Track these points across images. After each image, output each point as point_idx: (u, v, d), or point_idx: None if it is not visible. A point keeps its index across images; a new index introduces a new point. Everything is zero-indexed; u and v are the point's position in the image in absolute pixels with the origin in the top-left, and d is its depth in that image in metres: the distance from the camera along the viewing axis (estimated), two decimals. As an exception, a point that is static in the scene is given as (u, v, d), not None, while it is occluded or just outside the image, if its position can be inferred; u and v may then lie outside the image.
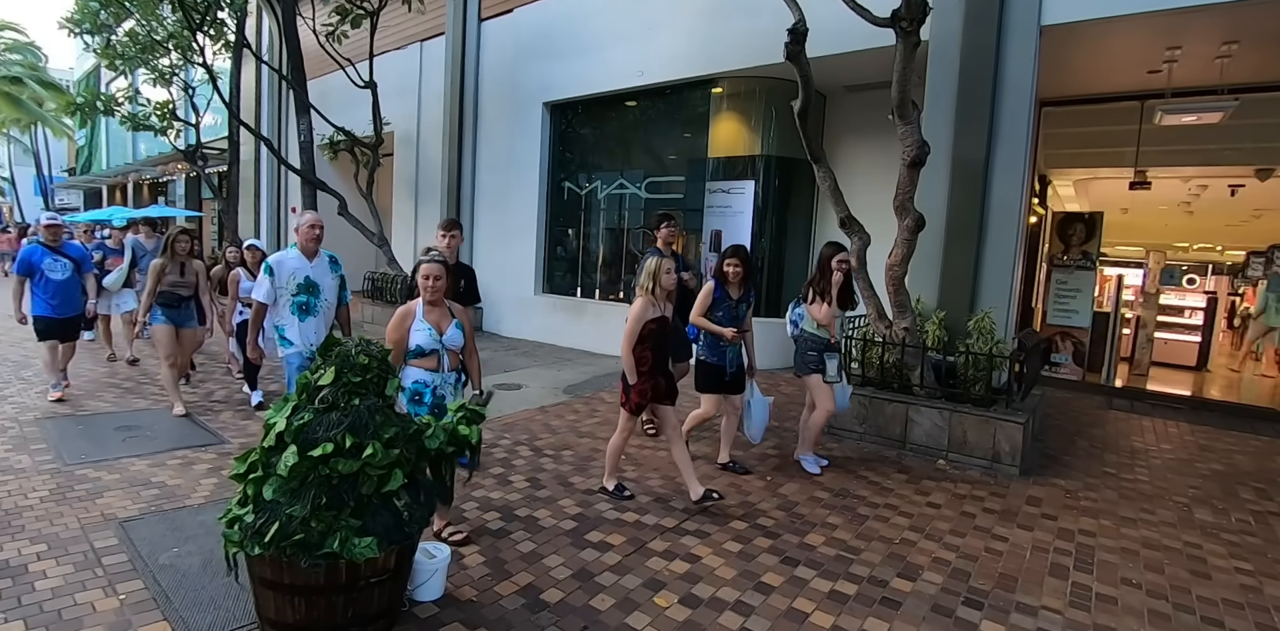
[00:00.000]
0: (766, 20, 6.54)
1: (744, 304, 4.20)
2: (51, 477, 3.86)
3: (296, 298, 4.02)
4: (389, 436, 2.40)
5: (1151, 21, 5.22)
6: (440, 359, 3.17)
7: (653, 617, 2.66)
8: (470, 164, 10.88)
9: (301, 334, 4.04)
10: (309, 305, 4.06)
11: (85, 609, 2.56)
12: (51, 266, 5.51)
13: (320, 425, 2.36)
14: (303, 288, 4.03)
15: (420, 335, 3.12)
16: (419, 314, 3.18)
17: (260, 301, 3.99)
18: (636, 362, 3.60)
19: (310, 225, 4.04)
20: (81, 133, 27.93)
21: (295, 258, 4.05)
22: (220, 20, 11.55)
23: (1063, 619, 2.76)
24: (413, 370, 3.15)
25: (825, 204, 7.77)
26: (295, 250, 4.06)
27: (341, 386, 2.46)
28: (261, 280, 4.00)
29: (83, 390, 5.91)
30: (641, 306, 3.60)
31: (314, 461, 2.27)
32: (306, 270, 4.05)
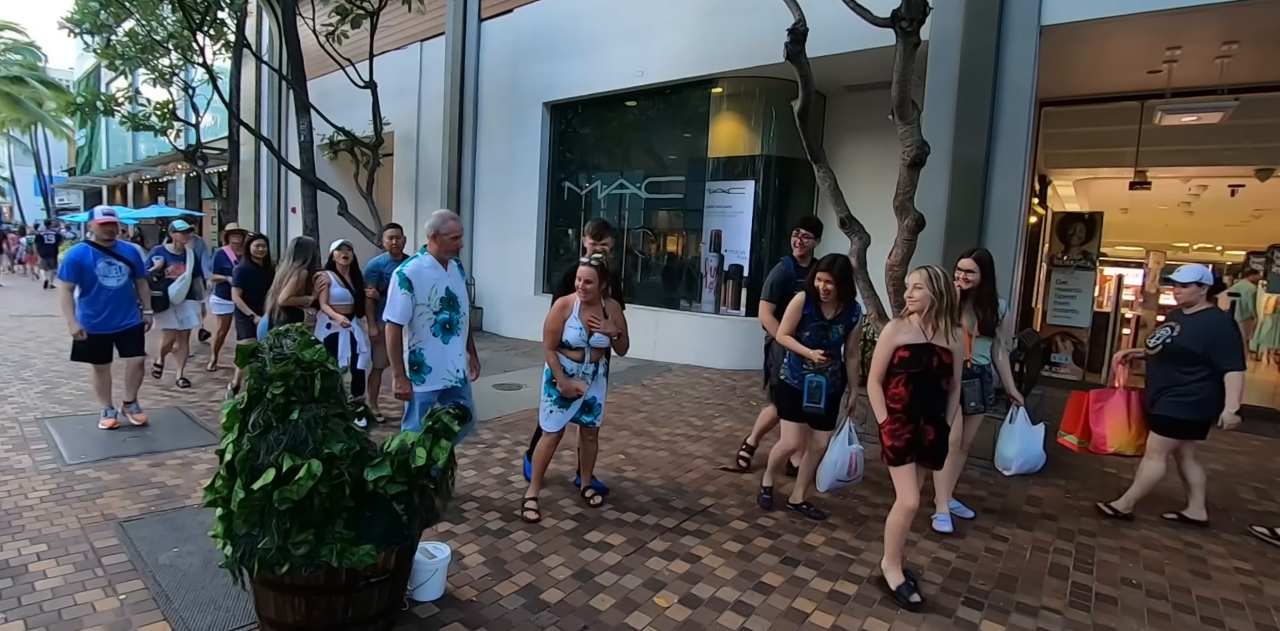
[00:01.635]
0: (766, 20, 6.54)
1: (838, 326, 3.49)
2: (51, 477, 3.86)
3: (439, 315, 3.38)
4: (332, 452, 2.23)
5: (1151, 21, 5.22)
6: (585, 353, 3.47)
7: (653, 617, 2.66)
8: (470, 164, 10.88)
9: (446, 358, 3.43)
10: (452, 323, 3.44)
11: (85, 609, 2.56)
12: (105, 271, 4.64)
13: (262, 448, 2.22)
14: (445, 302, 3.40)
15: (571, 332, 3.42)
16: (575, 310, 3.42)
17: (397, 322, 3.30)
18: (887, 398, 2.92)
19: (455, 236, 3.41)
20: (81, 133, 27.95)
21: (432, 266, 3.38)
22: (220, 20, 11.54)
23: (1063, 619, 2.76)
24: (563, 359, 3.47)
25: (825, 204, 7.76)
26: (429, 257, 3.40)
27: (268, 404, 2.29)
28: (395, 297, 3.28)
29: (82, 390, 5.91)
30: (892, 328, 2.90)
31: (262, 493, 2.15)
32: (445, 280, 3.42)
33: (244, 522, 2.21)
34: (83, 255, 4.62)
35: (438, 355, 3.41)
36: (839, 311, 3.49)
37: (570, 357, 3.47)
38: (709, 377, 7.32)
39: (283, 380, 2.31)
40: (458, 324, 3.48)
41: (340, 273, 5.05)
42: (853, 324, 3.54)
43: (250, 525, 2.20)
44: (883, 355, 2.87)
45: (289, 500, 2.14)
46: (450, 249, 3.43)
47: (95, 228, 4.75)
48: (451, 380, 3.47)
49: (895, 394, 2.85)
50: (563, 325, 3.43)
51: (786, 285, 4.05)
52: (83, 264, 4.58)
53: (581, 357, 3.48)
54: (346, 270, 5.08)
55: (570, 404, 3.51)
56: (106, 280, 4.66)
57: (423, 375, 3.39)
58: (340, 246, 5.12)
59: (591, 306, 3.43)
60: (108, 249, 4.71)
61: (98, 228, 4.72)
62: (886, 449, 2.85)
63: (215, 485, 2.30)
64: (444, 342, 3.43)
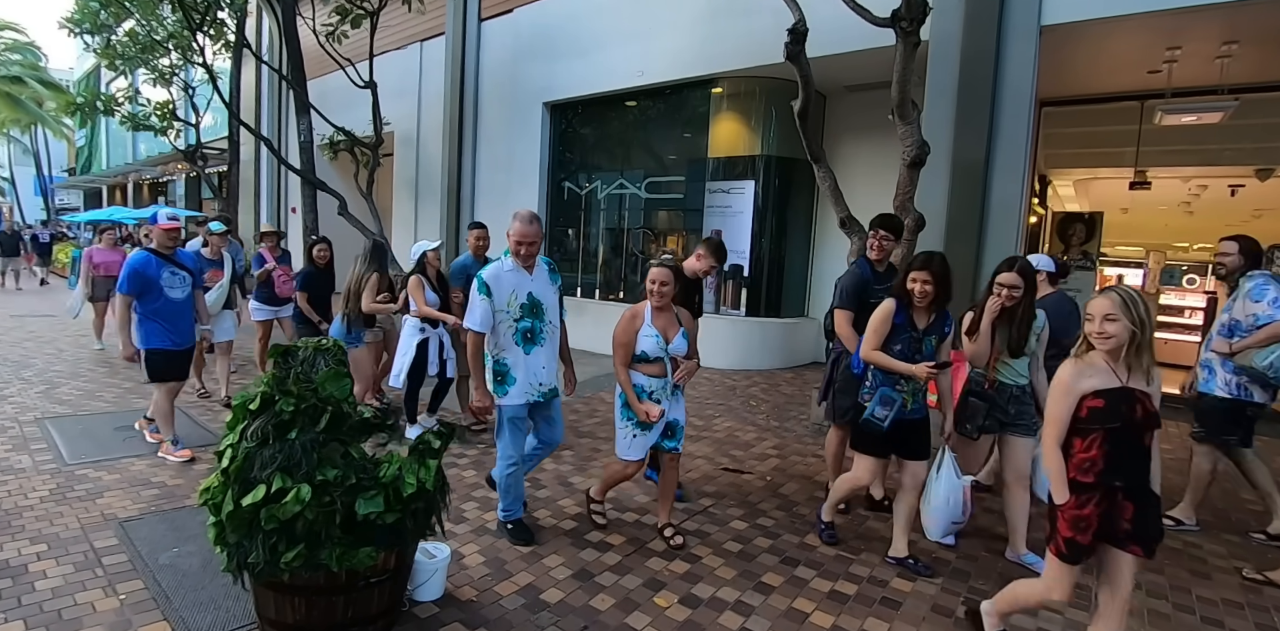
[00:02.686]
0: (766, 20, 6.55)
1: (931, 337, 3.01)
2: (51, 477, 3.86)
3: (520, 322, 3.12)
4: (325, 478, 2.19)
5: (1151, 21, 5.22)
6: (665, 365, 3.11)
7: (653, 617, 2.66)
8: (470, 164, 10.88)
9: (528, 370, 3.15)
10: (534, 331, 3.17)
11: (85, 609, 2.56)
12: (171, 281, 4.20)
13: (256, 463, 2.20)
14: (526, 309, 3.14)
15: (648, 341, 3.08)
16: (647, 318, 3.11)
17: (477, 331, 3.10)
18: (1072, 466, 2.15)
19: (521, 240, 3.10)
20: (81, 133, 27.97)
21: (513, 270, 3.14)
22: (220, 20, 11.55)
23: (1063, 619, 2.76)
24: (636, 374, 3.12)
25: (825, 204, 7.77)
26: (510, 260, 3.15)
27: (273, 416, 2.25)
28: (475, 303, 3.10)
29: (82, 390, 5.91)
30: (1072, 371, 2.16)
31: (251, 509, 2.13)
32: (528, 284, 3.16)
33: (234, 533, 2.20)
34: (145, 264, 4.11)
35: (521, 366, 3.14)
36: (932, 320, 3.02)
37: (647, 373, 3.11)
38: (709, 377, 7.32)
39: (297, 401, 2.28)
40: (541, 333, 3.18)
41: (431, 277, 4.78)
42: (945, 334, 3.07)
43: (240, 535, 2.19)
44: (1063, 408, 2.15)
45: (275, 520, 2.12)
46: (514, 252, 3.12)
47: (157, 233, 4.26)
48: (534, 394, 3.16)
49: (1083, 460, 2.13)
50: (635, 336, 3.09)
51: (864, 292, 3.65)
52: (146, 274, 4.10)
53: (661, 371, 3.12)
54: (436, 274, 4.82)
55: (653, 427, 3.14)
56: (172, 291, 4.20)
57: (507, 386, 3.13)
58: (436, 249, 4.82)
59: (664, 312, 3.12)
60: (170, 257, 4.27)
61: (161, 233, 4.25)
62: (1063, 541, 2.15)
63: (210, 488, 2.29)
64: (525, 353, 3.14)
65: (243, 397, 2.34)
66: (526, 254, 3.12)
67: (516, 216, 3.13)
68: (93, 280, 7.61)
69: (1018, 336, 3.09)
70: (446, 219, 11.08)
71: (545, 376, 3.19)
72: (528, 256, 3.14)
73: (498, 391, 3.14)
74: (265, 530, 2.14)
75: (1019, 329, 3.08)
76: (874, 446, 3.09)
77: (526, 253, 3.12)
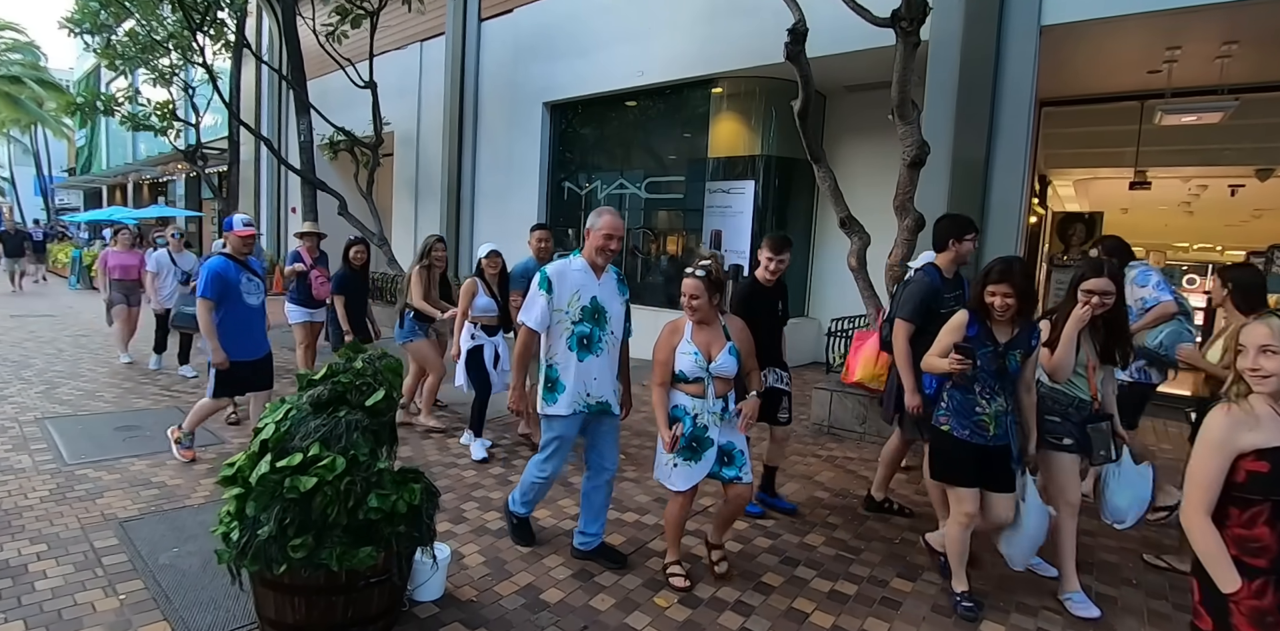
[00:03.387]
0: (766, 20, 6.55)
1: (1016, 352, 2.66)
2: (51, 477, 3.86)
3: (578, 326, 2.88)
4: (357, 454, 2.30)
5: (1151, 21, 5.22)
6: (706, 386, 2.74)
7: (653, 617, 2.66)
8: (470, 164, 10.88)
9: (578, 379, 2.88)
10: (591, 338, 2.90)
11: (85, 609, 2.56)
12: (248, 288, 4.14)
13: (299, 433, 2.32)
14: (588, 313, 2.89)
15: (685, 360, 2.73)
16: (687, 333, 2.78)
17: (531, 328, 2.87)
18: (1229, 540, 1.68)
19: (608, 234, 2.84)
20: (81, 133, 27.99)
21: (581, 269, 2.92)
22: (220, 20, 11.55)
23: (1063, 619, 2.76)
24: (676, 393, 2.82)
25: (825, 204, 7.77)
26: (580, 259, 2.94)
27: (332, 384, 2.42)
28: (534, 298, 2.87)
29: (82, 390, 5.91)
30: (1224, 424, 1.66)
31: (281, 474, 2.20)
32: (594, 288, 2.91)
33: (255, 504, 2.24)
34: (225, 269, 4.04)
35: (571, 374, 2.88)
36: (1016, 333, 2.68)
37: (687, 392, 2.78)
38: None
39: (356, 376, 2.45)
40: (599, 342, 2.91)
41: (488, 281, 4.57)
42: (1032, 349, 2.71)
43: (260, 507, 2.24)
44: (1213, 470, 1.65)
45: (296, 490, 2.18)
46: (600, 248, 2.86)
47: (233, 239, 4.14)
48: (582, 404, 2.90)
49: (1245, 538, 1.64)
50: (673, 353, 2.77)
51: (933, 301, 3.28)
52: (227, 279, 4.03)
53: (702, 391, 2.75)
54: (494, 279, 4.61)
55: (701, 454, 2.75)
56: (249, 298, 4.13)
57: (556, 394, 2.89)
58: (489, 254, 4.61)
59: (707, 327, 2.80)
60: (245, 262, 4.19)
61: (238, 240, 4.13)
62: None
63: (238, 462, 2.36)
64: (578, 359, 2.87)
65: (306, 374, 2.55)
66: (612, 252, 2.88)
67: (603, 210, 2.90)
68: (109, 284, 7.13)
69: (1109, 346, 2.78)
70: (446, 219, 11.09)
71: (597, 388, 2.92)
72: (610, 254, 2.88)
73: (546, 399, 2.91)
74: (286, 500, 2.20)
75: (1113, 338, 2.76)
76: (957, 473, 2.73)
77: (611, 249, 2.87)
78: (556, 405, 2.90)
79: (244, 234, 4.12)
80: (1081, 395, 2.79)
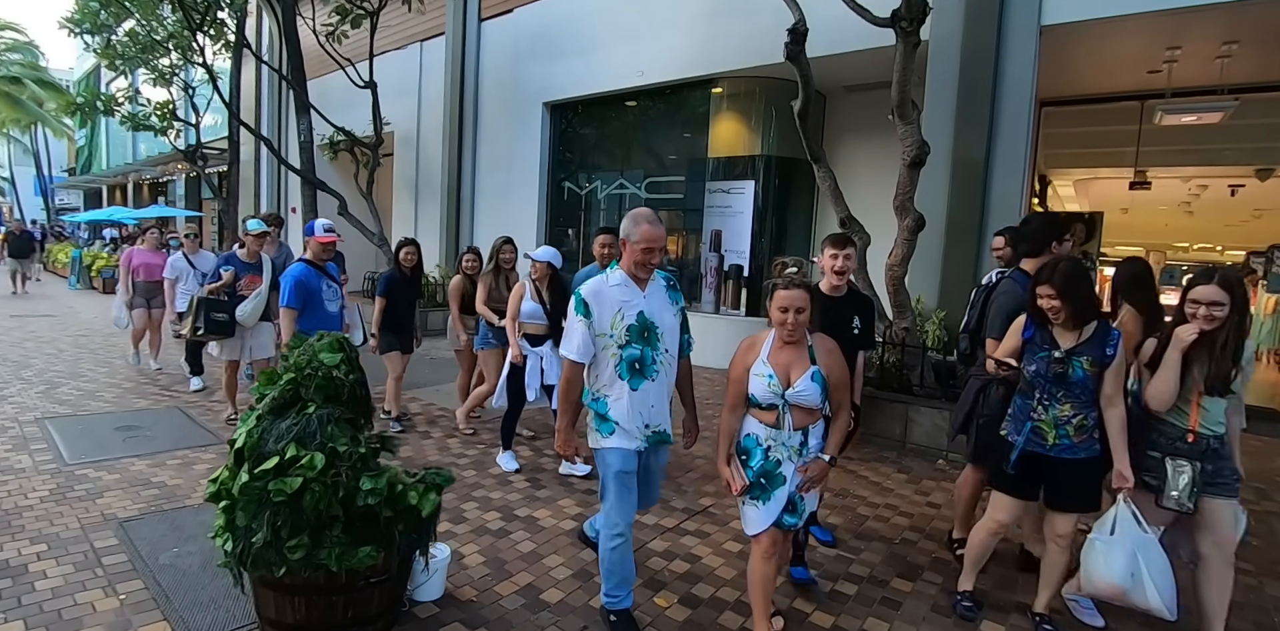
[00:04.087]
0: (766, 20, 6.55)
1: (1081, 360, 2.43)
2: (51, 477, 3.85)
3: (626, 350, 2.47)
4: (335, 447, 2.26)
5: (1151, 21, 5.23)
6: (781, 414, 2.32)
7: (653, 617, 2.66)
8: (470, 164, 10.89)
9: (632, 410, 2.48)
10: (644, 361, 2.49)
11: (85, 609, 2.56)
12: (328, 294, 4.13)
13: (272, 436, 2.28)
14: (635, 332, 2.48)
15: (758, 383, 2.32)
16: (765, 350, 2.37)
17: (575, 360, 2.47)
18: None
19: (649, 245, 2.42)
20: (81, 133, 28.00)
21: (621, 283, 2.50)
22: (220, 20, 11.57)
23: (1063, 619, 2.76)
24: (750, 420, 2.40)
25: (825, 204, 7.77)
26: (618, 272, 2.53)
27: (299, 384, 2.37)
28: (573, 326, 2.48)
29: (82, 390, 5.91)
30: None
31: (263, 479, 2.18)
32: (639, 302, 2.50)
33: (244, 514, 2.22)
34: (307, 275, 3.98)
35: (624, 404, 2.49)
36: (1083, 338, 2.45)
37: (762, 420, 2.36)
38: (709, 377, 7.32)
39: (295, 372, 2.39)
40: (653, 364, 2.50)
41: (537, 285, 4.24)
42: (1108, 357, 2.41)
43: (250, 516, 2.22)
44: None
45: (283, 493, 2.16)
46: (640, 263, 2.46)
47: (314, 246, 4.07)
48: (641, 438, 2.50)
49: None
50: (746, 373, 2.36)
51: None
52: (309, 286, 4.00)
53: (776, 420, 2.33)
54: (544, 282, 4.29)
55: (771, 491, 2.34)
56: (329, 304, 4.11)
57: (609, 428, 2.51)
58: (538, 262, 4.30)
59: (793, 347, 2.34)
60: (324, 268, 4.14)
61: (317, 246, 4.07)
62: None
63: (220, 477, 2.34)
64: (631, 388, 2.47)
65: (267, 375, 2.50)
66: (651, 265, 2.48)
67: (639, 217, 2.47)
68: (132, 285, 6.79)
69: (1219, 370, 2.36)
70: (446, 219, 11.09)
71: (655, 417, 2.53)
72: (650, 268, 2.49)
73: (600, 429, 2.53)
74: (274, 504, 2.18)
75: (1221, 361, 2.36)
76: (1003, 480, 2.62)
77: (653, 262, 2.47)
78: (612, 437, 2.49)
79: (325, 240, 4.05)
80: (1217, 430, 2.46)
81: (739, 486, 2.37)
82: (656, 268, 2.53)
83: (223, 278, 5.01)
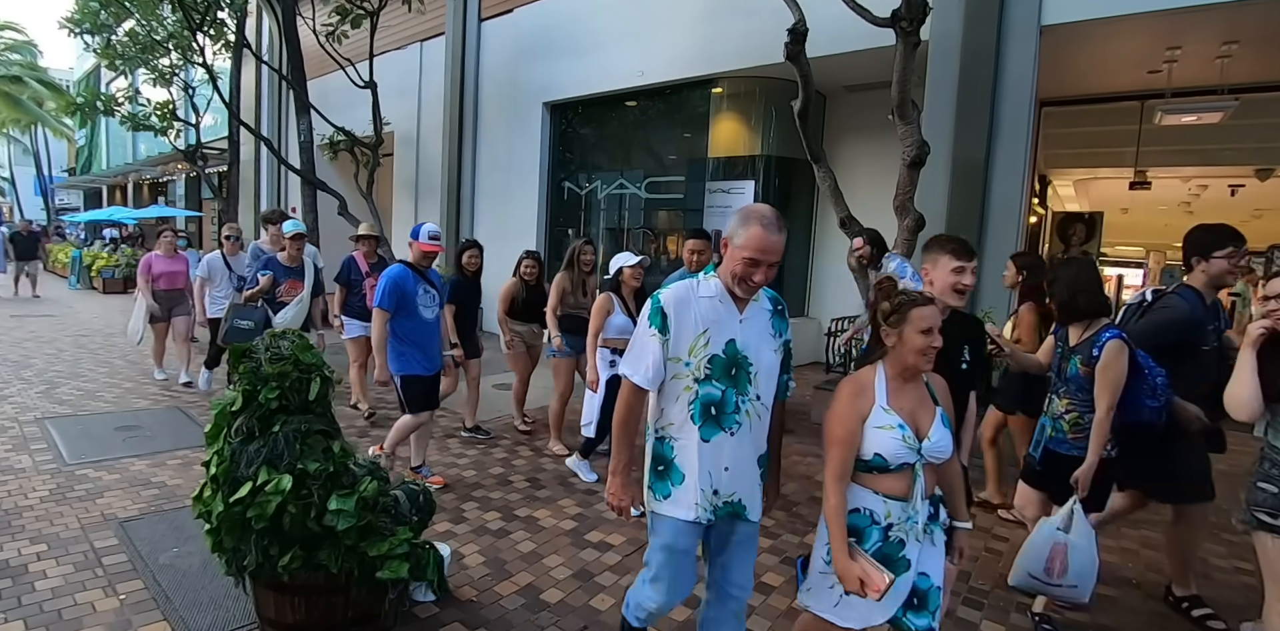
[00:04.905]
0: (766, 20, 6.54)
1: (1078, 356, 2.44)
2: (51, 477, 3.85)
3: (704, 385, 1.87)
4: (305, 469, 2.19)
5: (1151, 21, 5.22)
6: (914, 479, 1.80)
7: (653, 617, 2.66)
8: (470, 164, 10.88)
9: (703, 467, 1.89)
10: (723, 406, 1.88)
11: (85, 609, 2.56)
12: (424, 300, 3.81)
13: (242, 460, 2.22)
14: (720, 367, 1.87)
15: (885, 437, 1.77)
16: (881, 392, 1.83)
17: (640, 385, 1.92)
18: None
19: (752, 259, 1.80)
20: (81, 133, 27.99)
21: (714, 296, 1.90)
22: (220, 20, 11.55)
23: (1063, 618, 2.76)
24: (860, 491, 1.83)
25: (825, 204, 7.77)
26: (713, 280, 1.93)
27: (256, 410, 2.26)
28: (643, 340, 1.91)
29: (82, 390, 5.91)
30: None
31: (240, 507, 2.14)
32: (732, 327, 1.89)
33: (230, 538, 2.20)
34: (405, 278, 3.73)
35: (692, 457, 1.89)
36: (1084, 336, 2.45)
37: (880, 490, 1.81)
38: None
39: (279, 381, 2.26)
40: (735, 412, 1.87)
41: (625, 298, 3.92)
42: (1094, 359, 2.35)
43: (235, 539, 2.19)
44: None
45: (262, 518, 2.12)
46: (741, 277, 1.83)
47: (416, 251, 3.80)
48: (708, 508, 1.90)
49: None
50: (861, 427, 1.81)
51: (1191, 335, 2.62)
52: (405, 289, 3.71)
53: (905, 488, 1.80)
54: (633, 294, 3.95)
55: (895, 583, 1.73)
56: (425, 311, 3.81)
57: (667, 485, 1.93)
58: (635, 264, 3.94)
59: (908, 385, 1.87)
60: (424, 273, 3.87)
61: (420, 253, 3.80)
62: None
63: (203, 496, 2.30)
64: (703, 438, 1.87)
65: (221, 405, 2.34)
66: (753, 284, 1.84)
67: (751, 215, 1.83)
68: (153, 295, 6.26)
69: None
70: (446, 219, 11.08)
71: (730, 482, 1.90)
72: (752, 287, 1.85)
73: (655, 489, 1.95)
74: (257, 530, 2.15)
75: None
76: (1023, 472, 2.74)
77: (754, 280, 1.83)
78: (669, 501, 1.92)
79: (429, 249, 3.77)
80: None
81: (883, 584, 1.68)
82: (761, 287, 1.88)
83: (260, 283, 4.73)
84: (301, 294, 4.81)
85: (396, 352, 3.69)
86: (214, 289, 5.83)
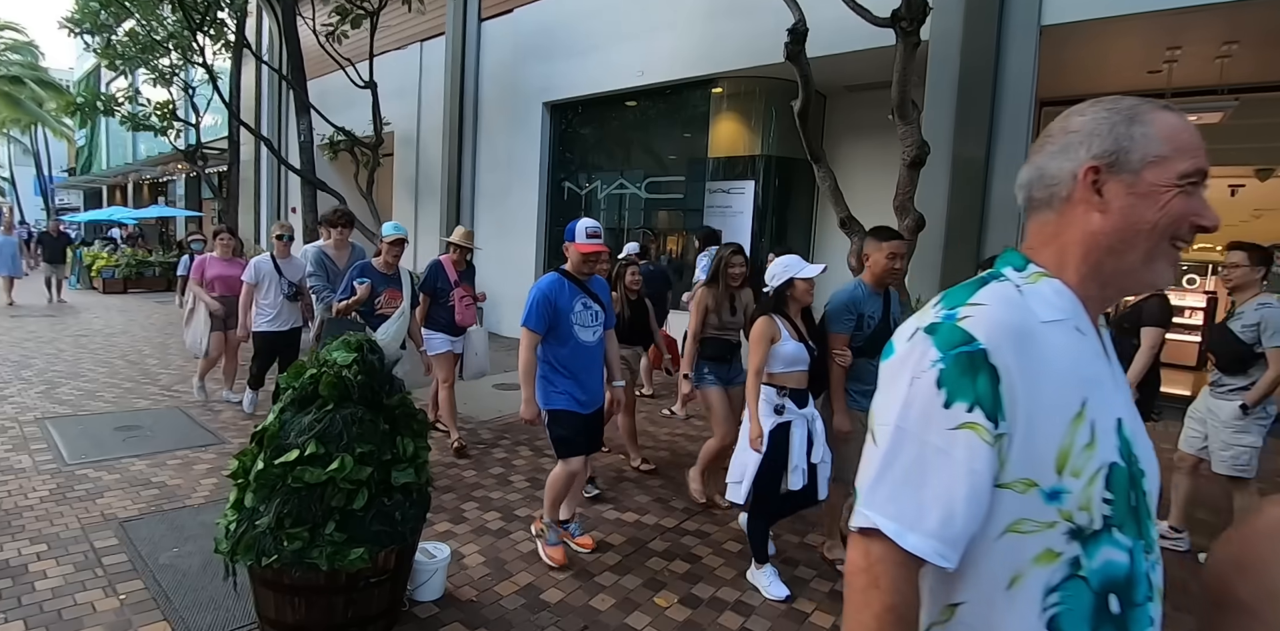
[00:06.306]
0: (766, 20, 6.54)
1: None
2: (51, 477, 3.86)
3: (1097, 547, 0.77)
4: (362, 451, 2.28)
5: (1151, 21, 5.22)
6: None
7: (653, 617, 2.66)
8: (470, 164, 10.88)
9: None
10: (1133, 589, 0.79)
11: (85, 609, 2.56)
12: (582, 317, 3.03)
13: (293, 430, 2.30)
14: (1122, 492, 0.79)
15: None
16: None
17: (916, 558, 0.77)
18: None
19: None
20: (81, 133, 27.99)
21: (1067, 317, 0.82)
22: (220, 20, 11.57)
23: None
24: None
25: (825, 204, 7.77)
26: (1054, 283, 0.84)
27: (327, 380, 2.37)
28: (930, 447, 0.77)
29: (82, 390, 5.91)
30: None
31: (282, 468, 2.21)
32: (1108, 387, 0.83)
33: (255, 497, 2.25)
34: (558, 290, 2.98)
35: None
36: None
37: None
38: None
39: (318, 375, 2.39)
40: (1146, 601, 0.80)
41: (791, 317, 2.92)
42: None
43: (259, 500, 2.24)
44: None
45: (302, 480, 2.19)
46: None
47: (574, 256, 3.05)
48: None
49: None
50: None
51: None
52: (559, 304, 2.95)
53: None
54: (799, 313, 2.97)
55: None
56: (582, 331, 3.01)
57: None
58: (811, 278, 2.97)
59: None
60: (584, 284, 3.09)
61: (578, 257, 3.03)
62: None
63: (246, 452, 2.39)
64: None
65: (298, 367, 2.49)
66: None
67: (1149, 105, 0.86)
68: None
69: None
70: (446, 219, 11.09)
71: None
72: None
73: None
74: (288, 490, 2.21)
75: None
76: None
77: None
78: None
79: (588, 249, 2.99)
80: None
81: None
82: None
83: (357, 292, 4.00)
84: (401, 305, 4.16)
85: (545, 383, 3.01)
86: (261, 297, 5.08)
